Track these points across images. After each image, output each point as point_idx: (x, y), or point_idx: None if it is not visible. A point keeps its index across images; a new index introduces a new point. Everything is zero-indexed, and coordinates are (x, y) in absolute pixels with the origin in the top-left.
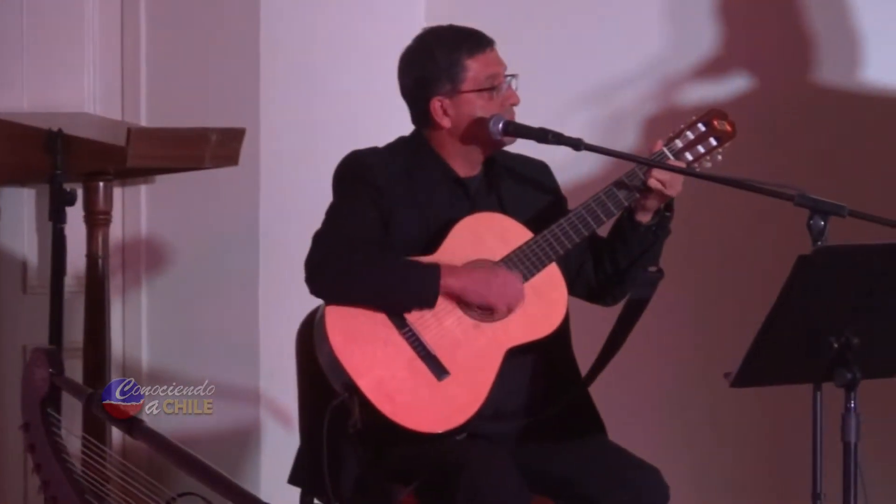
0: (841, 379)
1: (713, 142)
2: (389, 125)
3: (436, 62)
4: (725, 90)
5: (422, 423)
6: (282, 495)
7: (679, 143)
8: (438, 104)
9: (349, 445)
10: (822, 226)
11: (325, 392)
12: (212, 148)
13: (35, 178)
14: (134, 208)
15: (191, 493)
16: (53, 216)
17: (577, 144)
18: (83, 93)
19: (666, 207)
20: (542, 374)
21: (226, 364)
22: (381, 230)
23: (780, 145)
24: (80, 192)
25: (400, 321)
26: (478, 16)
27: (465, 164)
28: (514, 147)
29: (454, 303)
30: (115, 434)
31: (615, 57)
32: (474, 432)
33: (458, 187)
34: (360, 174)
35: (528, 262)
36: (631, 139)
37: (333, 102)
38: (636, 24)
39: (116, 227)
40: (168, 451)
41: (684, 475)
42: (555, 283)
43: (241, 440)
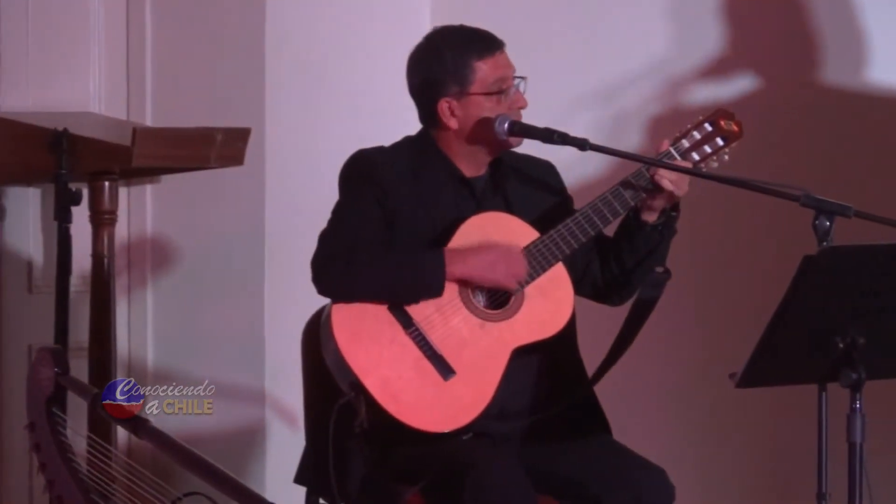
0: (846, 379)
1: (720, 142)
2: (395, 125)
3: (444, 63)
4: (730, 90)
5: (427, 423)
6: (287, 495)
7: (685, 143)
8: (446, 105)
9: (355, 445)
10: (828, 226)
11: (331, 391)
12: (217, 148)
13: (40, 177)
14: (139, 208)
15: (196, 492)
16: (59, 216)
17: (582, 144)
18: (88, 92)
19: (672, 207)
20: (548, 374)
21: (231, 363)
22: (387, 229)
23: (786, 145)
24: (85, 192)
25: (406, 320)
26: (483, 15)
27: (471, 164)
28: (519, 147)
29: (461, 302)
30: (121, 433)
31: (620, 57)
32: (480, 432)
33: (464, 187)
34: (366, 173)
35: (535, 262)
36: (636, 139)
37: (339, 102)
38: (641, 24)
39: (122, 227)
40: (173, 450)
41: (689, 475)
42: (561, 282)
43: (247, 440)
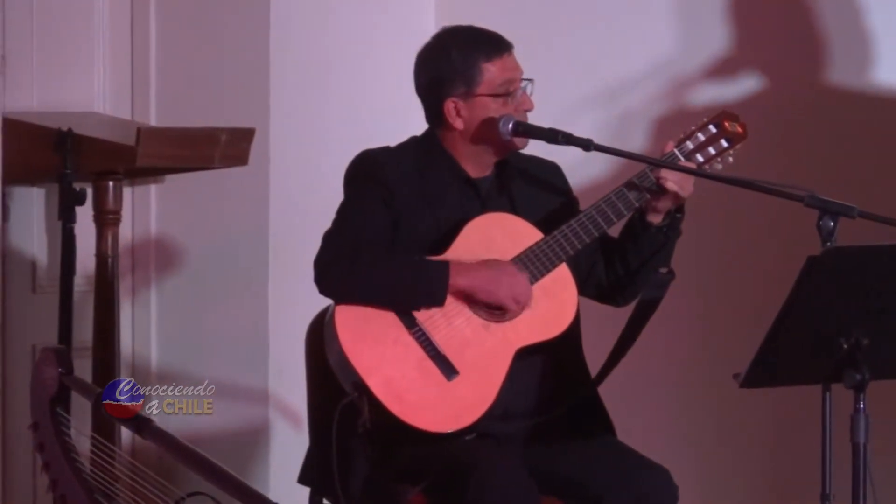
0: (850, 380)
1: (724, 143)
2: (400, 125)
3: (452, 63)
4: (735, 91)
5: (431, 423)
6: (291, 495)
7: (690, 145)
8: (452, 105)
9: (358, 445)
10: (832, 227)
11: (335, 391)
12: (221, 148)
13: (45, 177)
14: (143, 208)
15: (200, 492)
16: (63, 215)
17: (587, 145)
18: (93, 92)
19: (677, 209)
20: (551, 374)
21: (235, 364)
22: (391, 230)
23: (790, 146)
24: (89, 192)
25: (410, 320)
26: (487, 16)
27: (476, 164)
28: (524, 148)
29: (464, 302)
30: (125, 433)
31: (625, 57)
32: (483, 432)
33: (469, 188)
34: (371, 173)
35: (539, 263)
36: (640, 140)
37: (343, 102)
38: (646, 25)
39: (126, 227)
40: (177, 450)
41: (693, 476)
42: (565, 283)
43: (251, 440)
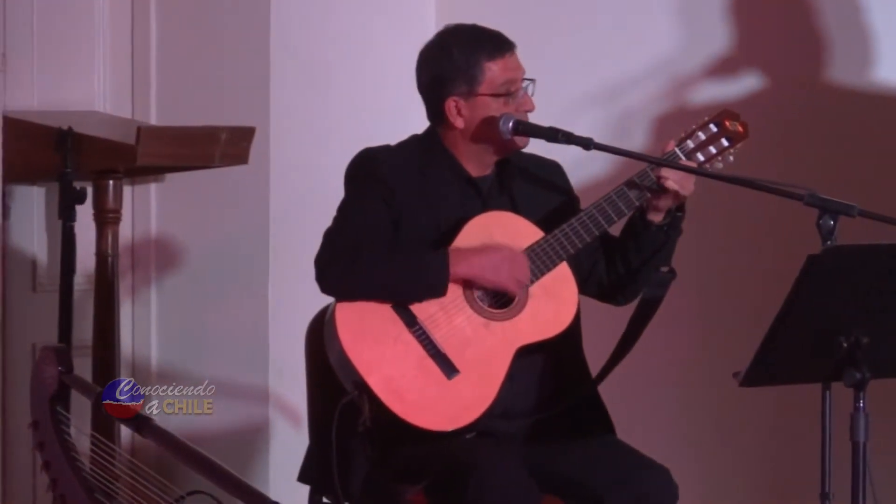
0: (850, 378)
1: (725, 142)
2: (400, 124)
3: (454, 62)
4: (735, 90)
5: (431, 422)
6: (291, 494)
7: (691, 144)
8: (453, 104)
9: (358, 444)
10: (832, 225)
11: (335, 390)
12: (221, 147)
13: (45, 176)
14: (144, 207)
15: (200, 491)
16: (63, 214)
17: (587, 144)
18: (93, 91)
19: (678, 208)
20: (551, 373)
21: (235, 362)
22: (392, 228)
23: (790, 145)
24: (89, 191)
25: (410, 319)
26: (488, 15)
27: (477, 163)
28: (525, 147)
29: (464, 301)
30: (124, 432)
31: (625, 56)
32: (483, 431)
33: (470, 187)
34: (371, 172)
35: (539, 261)
36: (641, 139)
37: (344, 101)
38: (646, 24)
39: (126, 226)
40: (177, 449)
41: (693, 475)
42: (565, 282)
43: (251, 438)
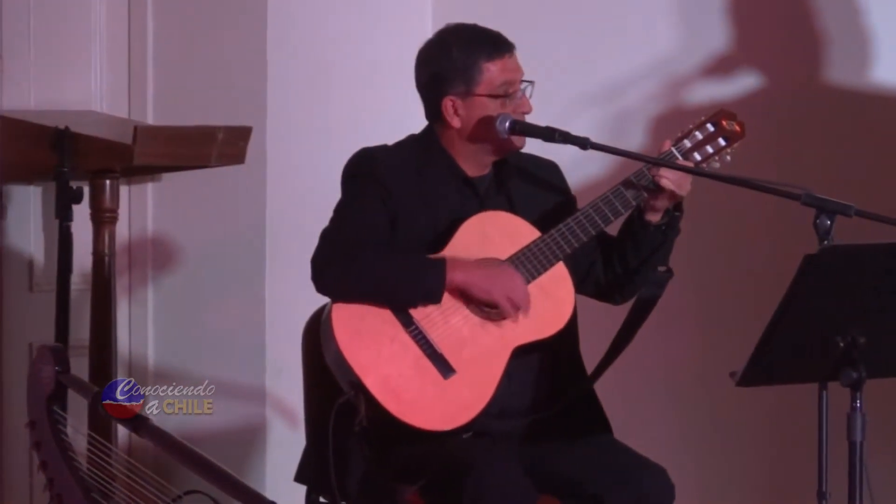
0: (847, 378)
1: (722, 142)
2: (398, 124)
3: (452, 61)
4: (733, 89)
5: (427, 422)
6: (288, 493)
7: (687, 143)
8: (450, 104)
9: (355, 444)
10: (829, 225)
11: (332, 390)
12: (218, 146)
13: (42, 175)
14: (140, 206)
15: (197, 491)
16: (60, 214)
17: (584, 143)
18: (90, 91)
19: (675, 207)
20: (548, 373)
21: (232, 362)
22: (389, 228)
23: (788, 145)
24: (86, 190)
25: (406, 319)
26: (485, 14)
27: (474, 163)
28: (522, 147)
29: (461, 300)
30: (121, 432)
31: (623, 56)
32: (480, 431)
33: (467, 187)
34: (369, 171)
35: (536, 261)
36: (638, 139)
37: (341, 101)
38: (644, 23)
39: (123, 226)
40: (174, 449)
41: (690, 474)
42: (562, 281)
43: (248, 438)
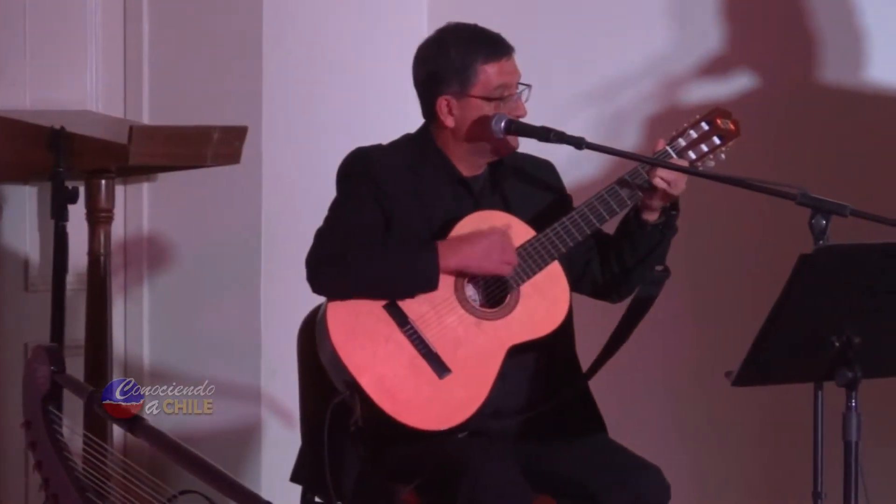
0: (842, 378)
1: (716, 140)
2: (393, 124)
3: (449, 61)
4: (728, 89)
5: (423, 421)
6: (283, 493)
7: (682, 142)
8: (445, 103)
9: (350, 443)
10: (824, 225)
11: (327, 390)
12: (214, 146)
13: (37, 175)
14: (136, 206)
15: (192, 490)
16: (55, 214)
17: (579, 143)
18: (86, 91)
19: (672, 206)
20: (544, 372)
21: (228, 362)
22: (383, 227)
23: (783, 144)
24: (82, 190)
25: (402, 319)
26: (480, 15)
27: (469, 163)
28: (517, 148)
29: (456, 300)
30: (117, 432)
31: (618, 56)
32: (475, 430)
33: (462, 187)
34: (364, 171)
35: (531, 260)
36: (634, 138)
37: (336, 101)
38: (639, 23)
39: (118, 225)
40: (169, 448)
41: (685, 474)
42: (557, 280)
43: (243, 438)
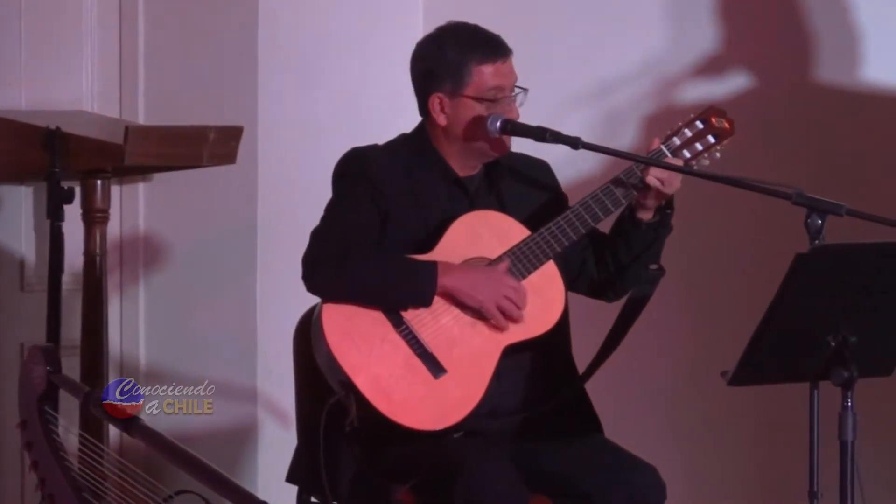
0: (838, 377)
1: (711, 139)
2: (388, 124)
3: (445, 59)
4: (724, 89)
5: (418, 421)
6: (279, 493)
7: (677, 141)
8: (437, 101)
9: (346, 443)
10: (820, 224)
11: (323, 390)
12: (209, 146)
13: (33, 175)
14: (132, 206)
15: (188, 490)
16: (51, 214)
17: (575, 143)
18: (81, 91)
19: (667, 204)
20: (539, 371)
21: (224, 362)
22: (379, 228)
23: (779, 144)
24: (77, 190)
25: (397, 319)
26: (476, 14)
27: (464, 163)
28: (513, 146)
29: (451, 300)
30: (113, 432)
31: (613, 55)
32: (471, 430)
33: (457, 187)
34: (360, 171)
35: (525, 260)
36: (629, 138)
37: (331, 101)
38: (635, 23)
39: (114, 225)
40: (165, 449)
41: (681, 474)
42: (552, 280)
43: (239, 438)
